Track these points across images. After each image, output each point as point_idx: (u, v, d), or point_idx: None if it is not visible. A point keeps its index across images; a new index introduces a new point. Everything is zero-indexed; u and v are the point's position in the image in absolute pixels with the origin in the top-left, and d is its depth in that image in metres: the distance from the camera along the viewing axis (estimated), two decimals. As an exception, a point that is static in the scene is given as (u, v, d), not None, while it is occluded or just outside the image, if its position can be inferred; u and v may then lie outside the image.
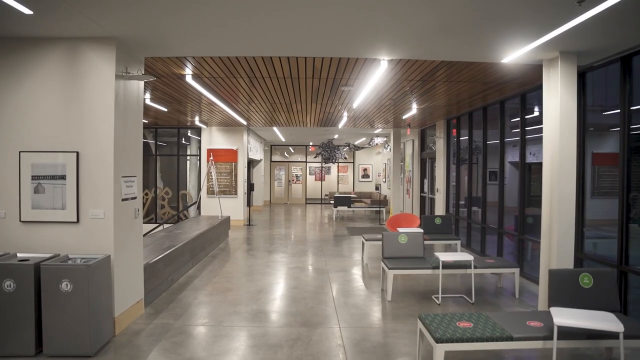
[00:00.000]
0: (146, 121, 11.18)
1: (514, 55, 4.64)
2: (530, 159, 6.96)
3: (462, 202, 9.99)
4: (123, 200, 4.41)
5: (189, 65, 5.52)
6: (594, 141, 5.55)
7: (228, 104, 8.62)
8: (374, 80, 5.93)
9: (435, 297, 5.63)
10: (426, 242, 7.00)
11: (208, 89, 6.93)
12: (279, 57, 5.10)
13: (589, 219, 5.52)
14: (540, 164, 4.94)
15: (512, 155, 7.68)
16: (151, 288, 5.39)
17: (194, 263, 7.52)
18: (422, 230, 7.76)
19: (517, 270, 5.72)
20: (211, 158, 11.52)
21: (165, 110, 9.01)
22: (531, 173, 6.98)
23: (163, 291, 5.87)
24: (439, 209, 10.89)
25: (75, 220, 4.17)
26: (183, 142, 13.63)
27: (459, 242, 8.03)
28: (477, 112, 8.99)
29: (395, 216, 9.51)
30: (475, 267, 5.56)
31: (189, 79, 6.02)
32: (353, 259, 8.21)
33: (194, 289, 6.06)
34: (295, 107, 8.98)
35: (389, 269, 5.58)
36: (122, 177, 4.39)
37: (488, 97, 7.63)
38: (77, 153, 4.17)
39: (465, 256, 5.56)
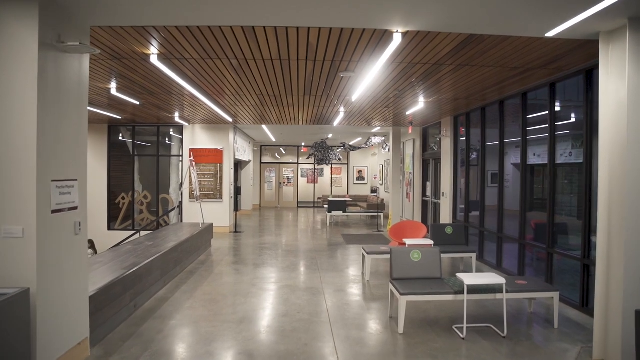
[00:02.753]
0: (119, 117, 10.04)
1: (564, 26, 3.61)
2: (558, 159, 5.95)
3: (464, 207, 8.98)
4: (54, 212, 3.30)
5: (153, 42, 4.42)
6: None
7: (208, 96, 7.51)
8: (381, 62, 4.86)
9: (457, 329, 4.57)
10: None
11: (180, 74, 5.82)
12: (264, 29, 4.03)
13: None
14: (572, 164, 3.93)
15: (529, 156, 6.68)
16: (104, 320, 4.27)
17: (167, 281, 6.40)
18: (432, 242, 6.74)
19: (556, 295, 4.67)
20: (190, 158, 10.37)
21: (137, 103, 7.88)
22: (553, 176, 5.96)
23: (122, 321, 4.75)
24: (445, 215, 9.87)
25: (-17, 240, 3.06)
26: (167, 142, 12.48)
27: (474, 256, 6.99)
28: (491, 107, 7.97)
29: (399, 224, 8.45)
30: (507, 291, 4.52)
31: (154, 60, 4.91)
32: (352, 275, 7.14)
33: (161, 318, 4.95)
34: (286, 101, 7.90)
35: (402, 294, 4.51)
36: (54, 181, 3.28)
37: (507, 89, 6.61)
38: (-14, 149, 3.05)
39: (495, 278, 4.51)
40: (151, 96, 7.48)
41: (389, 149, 13.68)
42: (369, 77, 5.66)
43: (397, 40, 3.96)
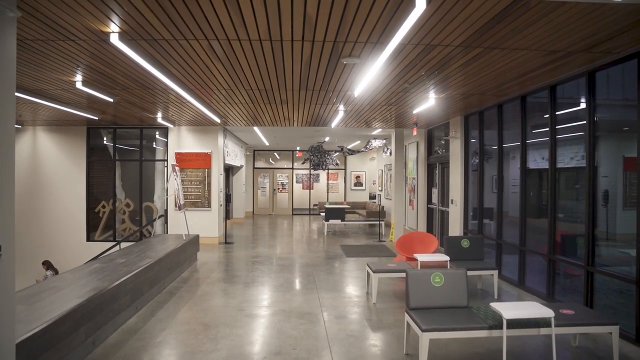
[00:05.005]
0: (96, 118, 9.09)
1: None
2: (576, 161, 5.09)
3: (475, 216, 8.11)
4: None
5: (110, 15, 3.51)
6: None
7: (189, 91, 6.60)
8: (393, 44, 3.97)
9: (493, 373, 3.67)
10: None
11: (151, 60, 4.90)
12: (250, -6, 3.14)
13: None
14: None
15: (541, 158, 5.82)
16: (44, 369, 3.32)
17: (139, 306, 5.45)
18: (447, 258, 5.84)
19: (615, 330, 3.77)
20: (172, 163, 9.43)
21: (111, 100, 6.95)
22: (592, 181, 5.09)
23: (73, 365, 3.80)
24: (455, 225, 8.97)
25: None
26: (153, 145, 11.53)
27: (495, 273, 6.09)
28: (509, 104, 7.12)
29: (407, 236, 7.54)
30: (556, 325, 3.62)
31: (115, 40, 3.99)
32: (354, 296, 6.21)
33: (125, 358, 4.00)
34: (279, 97, 7.00)
35: (424, 330, 3.60)
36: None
37: (534, 80, 5.75)
38: None
39: (539, 309, 3.61)
40: (125, 92, 6.56)
41: (390, 153, 12.80)
42: (376, 65, 4.77)
43: (420, 7, 3.07)
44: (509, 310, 3.57)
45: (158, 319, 5.12)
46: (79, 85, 5.80)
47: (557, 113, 5.85)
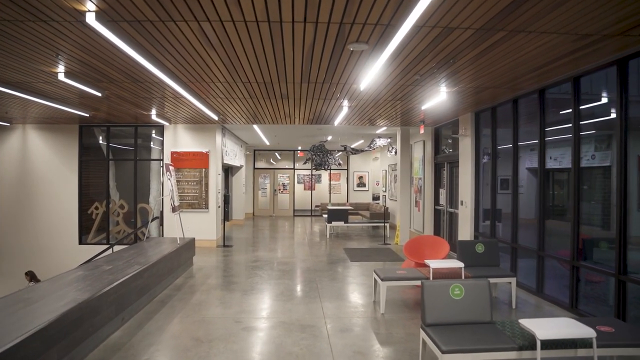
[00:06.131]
0: (87, 114, 8.63)
1: None
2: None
3: (486, 217, 7.64)
4: None
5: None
6: None
7: (181, 83, 6.14)
8: (407, 25, 3.50)
9: (524, 401, 3.19)
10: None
11: (136, 46, 4.44)
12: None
13: None
14: None
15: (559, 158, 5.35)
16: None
17: (126, 318, 4.98)
18: (461, 264, 5.37)
19: (665, 351, 3.30)
20: (166, 162, 8.97)
21: (99, 95, 6.48)
22: (623, 180, 4.61)
23: (43, 390, 3.34)
24: (465, 227, 8.50)
25: None
26: (150, 144, 11.07)
27: (513, 281, 5.62)
28: (525, 99, 6.65)
29: (415, 240, 7.06)
30: (598, 346, 3.14)
31: (92, 20, 3.52)
32: (360, 305, 5.74)
33: (104, 381, 3.55)
34: (279, 91, 6.53)
35: (444, 352, 3.13)
36: None
37: (555, 72, 5.28)
38: None
39: (580, 329, 3.13)
40: (113, 85, 6.10)
41: (395, 152, 12.33)
42: (386, 53, 4.31)
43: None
44: (542, 328, 3.10)
45: (146, 332, 4.65)
46: (61, 77, 5.34)
47: (581, 107, 5.38)
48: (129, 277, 5.03)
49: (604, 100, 5.34)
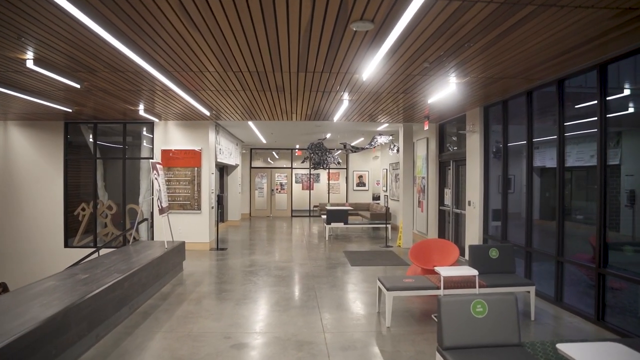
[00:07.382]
0: (70, 110, 8.08)
1: None
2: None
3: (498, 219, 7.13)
4: None
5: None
6: None
7: (165, 72, 5.60)
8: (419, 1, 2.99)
9: None
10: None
11: (112, 29, 3.90)
12: None
13: None
14: None
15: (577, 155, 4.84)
16: None
17: (102, 334, 4.45)
18: (475, 272, 4.85)
19: None
20: (153, 160, 8.43)
21: (77, 86, 5.94)
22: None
23: None
24: (473, 229, 7.98)
25: None
26: (143, 143, 10.52)
27: (532, 290, 5.09)
28: (541, 91, 6.13)
29: (422, 244, 6.53)
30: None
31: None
32: (363, 316, 5.21)
33: (65, 415, 3.01)
34: (274, 83, 6.00)
35: (468, 385, 2.61)
36: None
37: (579, 59, 4.76)
38: None
39: (628, 355, 2.61)
40: (91, 74, 5.56)
41: (397, 150, 11.81)
42: (393, 34, 3.79)
43: None
44: (587, 357, 2.58)
45: (122, 351, 4.12)
46: (30, 64, 4.80)
47: (607, 99, 4.86)
48: (105, 287, 4.50)
49: (627, 92, 4.84)
